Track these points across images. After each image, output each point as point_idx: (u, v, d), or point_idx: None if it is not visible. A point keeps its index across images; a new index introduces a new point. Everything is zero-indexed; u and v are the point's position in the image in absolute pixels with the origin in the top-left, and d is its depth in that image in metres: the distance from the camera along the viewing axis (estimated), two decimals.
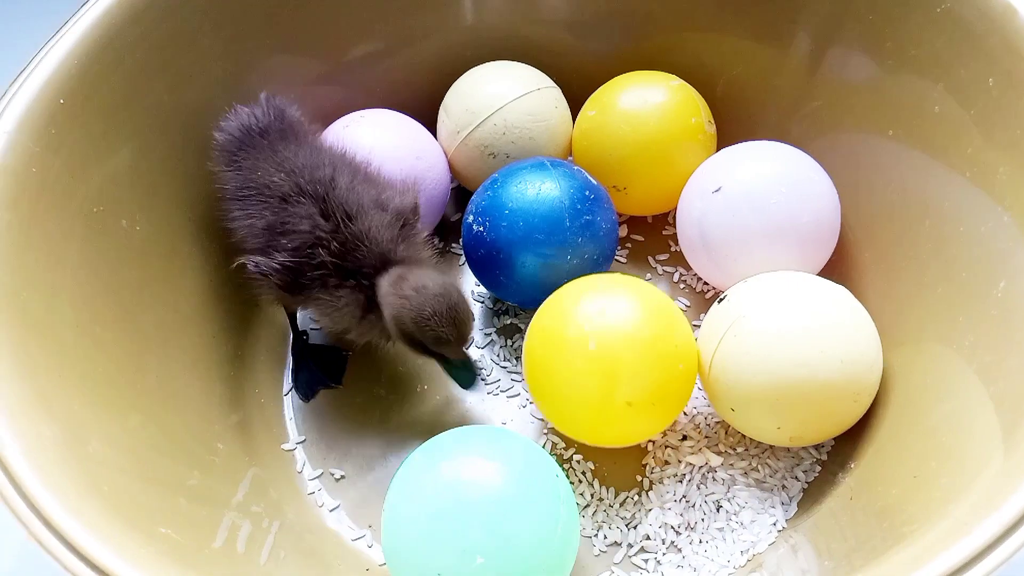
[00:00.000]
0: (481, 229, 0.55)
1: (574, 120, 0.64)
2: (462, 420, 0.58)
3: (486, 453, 0.44)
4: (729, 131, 0.62)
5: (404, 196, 0.52)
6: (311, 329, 0.62)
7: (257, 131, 0.53)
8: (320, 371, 0.59)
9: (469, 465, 0.43)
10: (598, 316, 0.48)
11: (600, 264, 0.55)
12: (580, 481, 0.54)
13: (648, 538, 0.51)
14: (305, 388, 0.59)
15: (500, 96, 0.61)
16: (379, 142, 0.59)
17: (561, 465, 0.54)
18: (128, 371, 0.47)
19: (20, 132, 0.46)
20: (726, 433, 0.55)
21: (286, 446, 0.57)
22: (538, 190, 0.54)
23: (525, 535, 0.41)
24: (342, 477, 0.56)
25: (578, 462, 0.55)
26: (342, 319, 0.52)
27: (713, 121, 0.61)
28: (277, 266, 0.49)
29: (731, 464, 0.53)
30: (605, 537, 0.52)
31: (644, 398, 0.48)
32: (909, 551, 0.34)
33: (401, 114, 0.63)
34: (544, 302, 0.52)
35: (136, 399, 0.47)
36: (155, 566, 0.36)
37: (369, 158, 0.55)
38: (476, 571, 0.40)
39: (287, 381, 0.60)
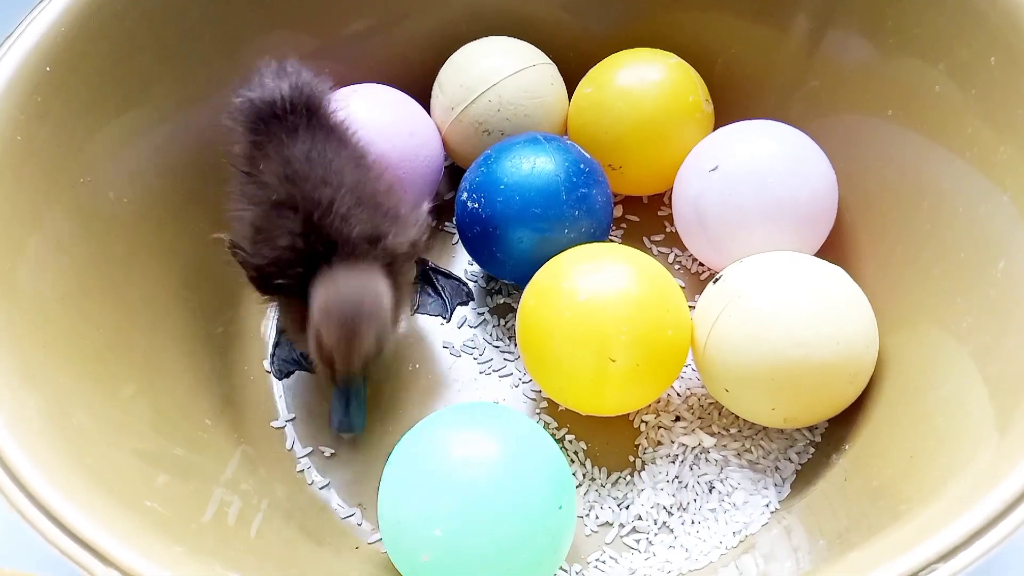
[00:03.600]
0: (476, 205, 0.55)
1: (570, 99, 0.63)
2: (454, 400, 0.57)
3: (492, 430, 0.43)
4: (726, 110, 0.61)
5: (403, 233, 0.48)
6: None
7: (281, 107, 0.49)
8: (298, 352, 0.59)
9: (473, 440, 0.43)
10: (592, 272, 0.49)
11: (596, 239, 0.55)
12: (572, 461, 0.54)
13: (640, 518, 0.51)
14: (280, 365, 0.58)
15: (495, 72, 0.60)
16: (372, 118, 0.58)
17: None
18: (115, 344, 0.47)
19: (5, 99, 0.45)
20: (719, 414, 0.54)
21: (276, 424, 0.56)
22: (533, 164, 0.53)
23: (524, 513, 0.41)
24: (332, 455, 0.55)
25: (570, 442, 0.54)
26: (290, 328, 0.50)
27: (711, 100, 0.61)
28: (253, 267, 0.48)
29: (724, 445, 0.53)
30: (597, 517, 0.51)
31: (628, 356, 0.48)
32: (906, 529, 0.34)
33: (395, 89, 0.62)
34: (544, 265, 0.52)
35: (123, 373, 0.46)
36: (140, 538, 0.35)
37: (385, 167, 0.51)
38: (436, 541, 0.40)
39: None
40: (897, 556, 0.32)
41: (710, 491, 0.52)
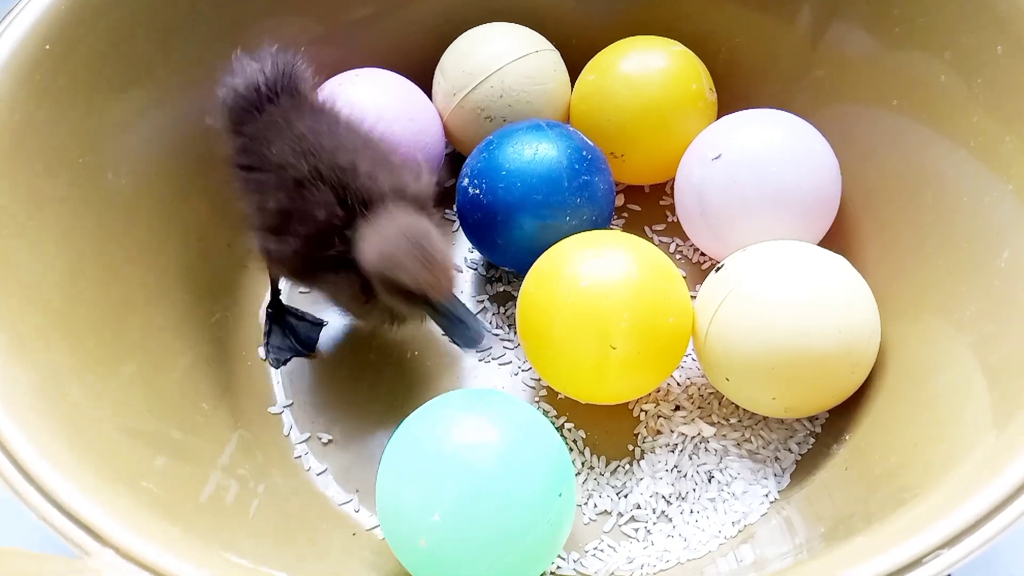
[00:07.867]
0: (477, 191, 0.54)
1: (573, 85, 0.63)
2: (453, 387, 0.57)
3: (493, 416, 0.43)
4: (730, 99, 0.61)
5: (419, 181, 0.50)
6: (300, 292, 0.61)
7: (266, 93, 0.50)
8: (293, 338, 0.58)
9: (474, 426, 0.42)
10: (594, 259, 0.48)
11: (598, 226, 0.54)
12: (571, 449, 0.53)
13: (639, 507, 0.51)
14: (276, 353, 0.58)
15: (498, 57, 0.59)
16: (373, 102, 0.58)
17: None
18: (111, 323, 0.46)
19: (4, 77, 0.45)
20: (719, 404, 0.54)
21: (273, 409, 0.56)
22: (535, 151, 0.53)
23: (524, 501, 0.40)
24: (330, 441, 0.55)
25: (569, 430, 0.54)
26: (346, 303, 0.50)
27: (714, 89, 0.60)
28: (291, 253, 0.48)
29: (724, 435, 0.53)
30: (595, 506, 0.51)
31: (629, 344, 0.47)
32: (910, 516, 0.34)
33: (396, 74, 0.62)
34: (545, 251, 0.51)
35: (119, 352, 0.46)
36: (135, 518, 0.35)
37: (381, 133, 0.52)
38: (434, 527, 0.40)
39: None
40: (902, 541, 0.31)
41: (709, 481, 0.51)
